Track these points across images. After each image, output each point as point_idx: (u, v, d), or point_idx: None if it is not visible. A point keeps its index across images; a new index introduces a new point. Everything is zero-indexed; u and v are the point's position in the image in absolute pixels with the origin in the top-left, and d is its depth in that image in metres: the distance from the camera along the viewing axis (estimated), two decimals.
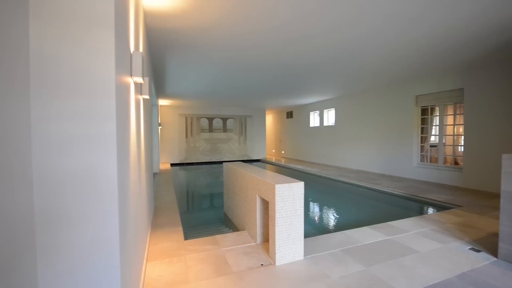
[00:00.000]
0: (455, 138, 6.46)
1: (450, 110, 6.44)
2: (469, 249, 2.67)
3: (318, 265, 2.34)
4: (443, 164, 6.41)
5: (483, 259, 2.45)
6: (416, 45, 4.21)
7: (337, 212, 4.93)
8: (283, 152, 14.75)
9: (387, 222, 3.48)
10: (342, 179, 7.26)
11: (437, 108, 6.58)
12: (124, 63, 1.43)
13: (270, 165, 11.97)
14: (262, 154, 13.85)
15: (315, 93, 8.94)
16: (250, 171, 3.26)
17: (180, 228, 3.31)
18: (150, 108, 4.65)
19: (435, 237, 2.98)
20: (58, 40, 1.05)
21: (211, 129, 12.80)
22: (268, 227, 2.78)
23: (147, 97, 2.50)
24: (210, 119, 12.77)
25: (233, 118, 13.19)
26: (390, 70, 5.82)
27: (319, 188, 7.12)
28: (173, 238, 2.98)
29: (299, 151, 12.93)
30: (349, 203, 5.75)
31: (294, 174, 9.10)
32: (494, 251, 2.57)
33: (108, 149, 1.13)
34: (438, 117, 6.56)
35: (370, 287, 2.00)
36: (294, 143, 13.42)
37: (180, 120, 12.24)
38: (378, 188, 5.98)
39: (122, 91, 1.34)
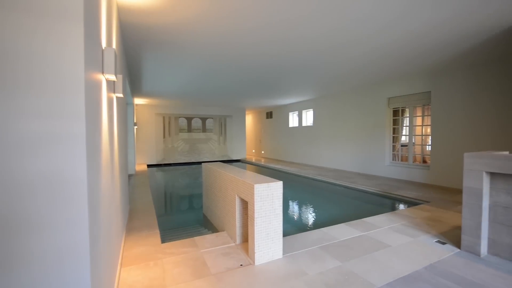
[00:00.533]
0: (423, 138, 6.88)
1: (419, 112, 6.84)
2: (435, 241, 2.85)
3: (296, 263, 2.38)
4: (413, 162, 6.81)
5: (448, 250, 2.63)
6: (388, 50, 4.43)
7: (315, 210, 5.05)
8: (263, 152, 14.83)
9: (362, 219, 3.62)
10: (320, 178, 7.45)
11: (407, 110, 6.96)
12: (94, 59, 1.36)
13: (250, 165, 11.99)
14: (242, 154, 13.83)
15: (294, 94, 9.09)
16: (229, 171, 3.24)
17: (157, 231, 3.21)
18: (125, 107, 4.46)
19: (406, 231, 3.15)
20: (20, 33, 0.97)
21: (189, 129, 12.55)
22: (247, 227, 2.78)
23: (120, 95, 2.40)
24: (189, 119, 12.53)
25: (212, 118, 13.04)
26: (365, 73, 6.07)
27: (298, 187, 7.25)
28: (149, 242, 2.88)
29: (278, 151, 13.07)
30: (326, 201, 5.91)
31: (273, 173, 9.19)
32: (457, 243, 2.76)
33: (77, 150, 1.06)
34: (408, 118, 6.95)
35: (346, 282, 2.07)
36: (274, 143, 13.55)
37: (157, 120, 11.88)
38: (353, 186, 6.20)
39: (92, 89, 1.27)
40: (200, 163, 12.01)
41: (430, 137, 6.37)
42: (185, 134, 12.46)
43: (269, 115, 13.93)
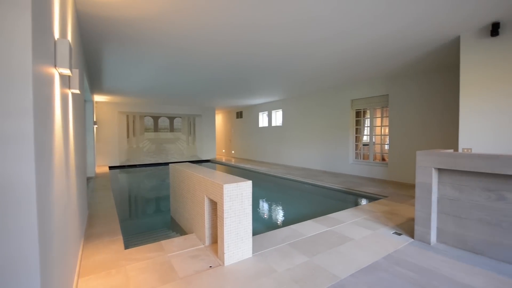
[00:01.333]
0: (382, 138, 7.41)
1: (378, 113, 7.36)
2: (393, 233, 3.08)
3: (265, 261, 2.41)
4: (373, 160, 7.30)
5: (403, 241, 2.87)
6: (350, 55, 4.69)
7: (285, 208, 5.16)
8: (233, 152, 14.78)
9: (328, 215, 3.78)
10: (288, 176, 7.63)
11: (368, 111, 7.45)
12: (45, 51, 1.23)
13: (220, 165, 11.87)
14: (212, 154, 13.63)
15: (263, 94, 9.19)
16: (198, 171, 3.17)
17: (120, 237, 3.03)
18: (83, 104, 4.13)
19: (367, 225, 3.36)
20: None
21: (156, 128, 12.04)
22: (217, 228, 2.75)
23: (77, 91, 2.22)
24: (155, 118, 12.01)
25: (181, 117, 12.66)
26: (330, 76, 6.36)
27: (268, 186, 7.35)
28: (111, 248, 2.71)
29: (248, 150, 13.13)
30: (295, 199, 6.07)
31: (243, 173, 9.21)
32: (411, 233, 3.02)
33: (24, 151, 0.96)
34: (369, 119, 7.43)
35: (312, 276, 2.15)
36: (244, 143, 13.57)
37: (120, 119, 11.20)
38: (320, 184, 6.46)
39: (42, 84, 1.16)
40: (168, 164, 11.58)
41: (388, 137, 6.89)
42: (151, 133, 11.93)
43: (239, 114, 13.92)
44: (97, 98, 9.68)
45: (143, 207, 5.60)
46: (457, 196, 2.66)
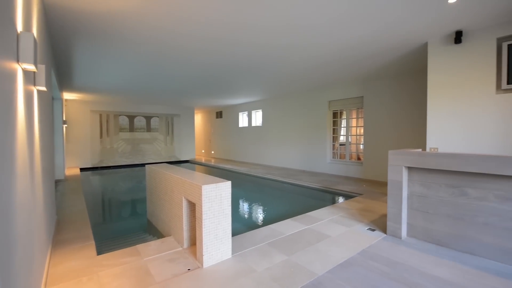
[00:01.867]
0: (357, 138, 7.70)
1: (354, 114, 7.64)
2: (367, 229, 3.22)
3: (245, 261, 2.41)
4: (349, 159, 7.57)
5: (377, 236, 3.00)
6: (327, 58, 4.83)
7: (265, 208, 5.20)
8: (213, 152, 14.62)
9: (306, 213, 3.86)
10: (268, 176, 7.69)
11: (344, 112, 7.71)
12: (5, 45, 1.14)
13: (199, 166, 11.69)
14: (191, 154, 13.38)
15: (243, 94, 9.18)
16: (175, 172, 3.10)
17: (92, 242, 2.88)
18: (50, 102, 3.88)
19: (343, 222, 3.48)
20: None
21: (132, 128, 11.59)
22: (195, 230, 2.70)
23: (43, 88, 2.08)
24: (131, 117, 11.56)
25: (158, 116, 12.28)
26: (308, 78, 6.50)
27: (248, 187, 7.35)
28: (82, 255, 2.57)
29: (228, 151, 13.05)
30: (275, 198, 6.13)
31: (223, 174, 9.14)
32: (384, 229, 3.17)
33: None
34: (345, 119, 7.69)
35: (291, 274, 2.19)
36: (224, 143, 13.47)
37: (93, 118, 10.65)
38: (299, 183, 6.58)
39: (2, 80, 1.07)
40: (144, 165, 11.19)
41: (363, 137, 7.17)
42: (126, 133, 11.46)
43: (219, 114, 13.80)
44: (67, 96, 9.13)
45: (117, 211, 5.37)
46: (425, 192, 2.84)
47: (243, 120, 12.22)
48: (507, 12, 3.16)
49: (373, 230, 3.19)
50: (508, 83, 3.42)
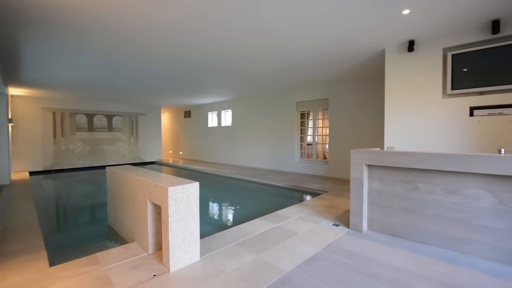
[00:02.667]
0: (323, 138, 8.05)
1: (320, 115, 7.97)
2: (332, 225, 3.37)
3: (214, 263, 2.38)
4: (316, 159, 7.88)
5: (340, 231, 3.16)
6: (294, 60, 4.97)
7: (234, 208, 5.18)
8: (181, 153, 14.19)
9: (275, 212, 3.93)
10: (238, 176, 7.68)
11: (311, 113, 8.00)
12: None
13: (167, 167, 11.27)
14: (157, 155, 12.84)
15: (213, 93, 9.06)
16: (140, 174, 2.95)
17: (44, 253, 2.62)
18: None
19: (310, 219, 3.60)
20: None
21: (91, 127, 10.77)
22: (161, 233, 2.60)
23: None
24: (90, 116, 10.74)
25: (121, 115, 11.58)
26: (276, 79, 6.63)
27: (218, 187, 7.27)
28: (32, 267, 2.32)
29: (198, 151, 12.78)
30: (245, 198, 6.15)
31: (192, 175, 8.92)
32: (347, 224, 3.35)
33: None
34: (312, 120, 7.99)
35: (260, 273, 2.21)
36: (193, 143, 13.16)
37: (45, 116, 9.69)
38: (268, 183, 6.68)
39: None
40: (105, 167, 10.47)
41: (328, 137, 7.51)
42: (84, 133, 10.62)
43: (188, 114, 13.44)
44: (14, 91, 8.19)
45: (74, 217, 4.95)
46: (382, 188, 3.06)
47: (212, 120, 12.05)
48: (452, 25, 3.54)
49: (338, 225, 3.36)
50: (452, 89, 3.83)
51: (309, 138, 8.40)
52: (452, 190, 2.56)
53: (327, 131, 7.59)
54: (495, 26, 3.39)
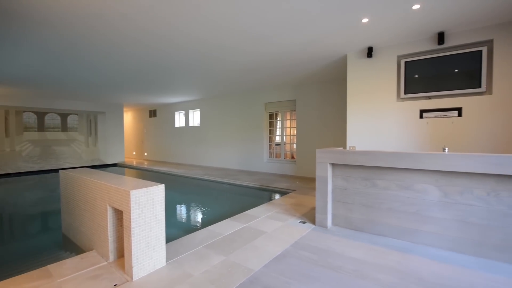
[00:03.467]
0: (291, 138, 8.27)
1: (288, 116, 8.17)
2: (299, 222, 3.48)
3: (181, 267, 2.31)
4: (284, 158, 8.06)
5: (307, 228, 3.27)
6: (263, 62, 5.03)
7: (203, 210, 5.08)
8: (146, 154, 13.53)
9: (244, 212, 3.94)
10: (206, 177, 7.56)
11: (279, 114, 8.18)
12: None
13: (130, 169, 10.65)
14: (119, 157, 12.08)
15: (179, 92, 8.78)
16: (99, 178, 2.75)
17: None
18: None
19: (278, 217, 3.68)
20: None
21: (42, 127, 9.77)
22: (123, 240, 2.45)
23: None
24: (41, 114, 9.73)
25: (77, 114, 10.68)
26: (245, 79, 6.65)
27: (185, 189, 7.07)
28: None
29: (164, 152, 12.29)
30: (214, 199, 6.06)
31: (158, 177, 8.55)
32: (313, 221, 3.48)
33: None
34: (280, 121, 8.16)
35: (229, 274, 2.19)
36: (159, 144, 12.63)
37: None
38: (237, 183, 6.67)
39: None
40: (58, 170, 9.58)
41: (296, 137, 7.74)
42: (34, 133, 9.59)
43: (153, 113, 12.86)
44: None
45: (21, 227, 4.45)
46: (345, 185, 3.23)
47: (179, 120, 11.68)
48: (405, 34, 3.87)
49: (304, 222, 3.47)
50: (405, 93, 4.19)
51: (277, 138, 8.57)
52: (405, 185, 2.80)
53: (295, 132, 7.82)
54: (441, 37, 3.79)
